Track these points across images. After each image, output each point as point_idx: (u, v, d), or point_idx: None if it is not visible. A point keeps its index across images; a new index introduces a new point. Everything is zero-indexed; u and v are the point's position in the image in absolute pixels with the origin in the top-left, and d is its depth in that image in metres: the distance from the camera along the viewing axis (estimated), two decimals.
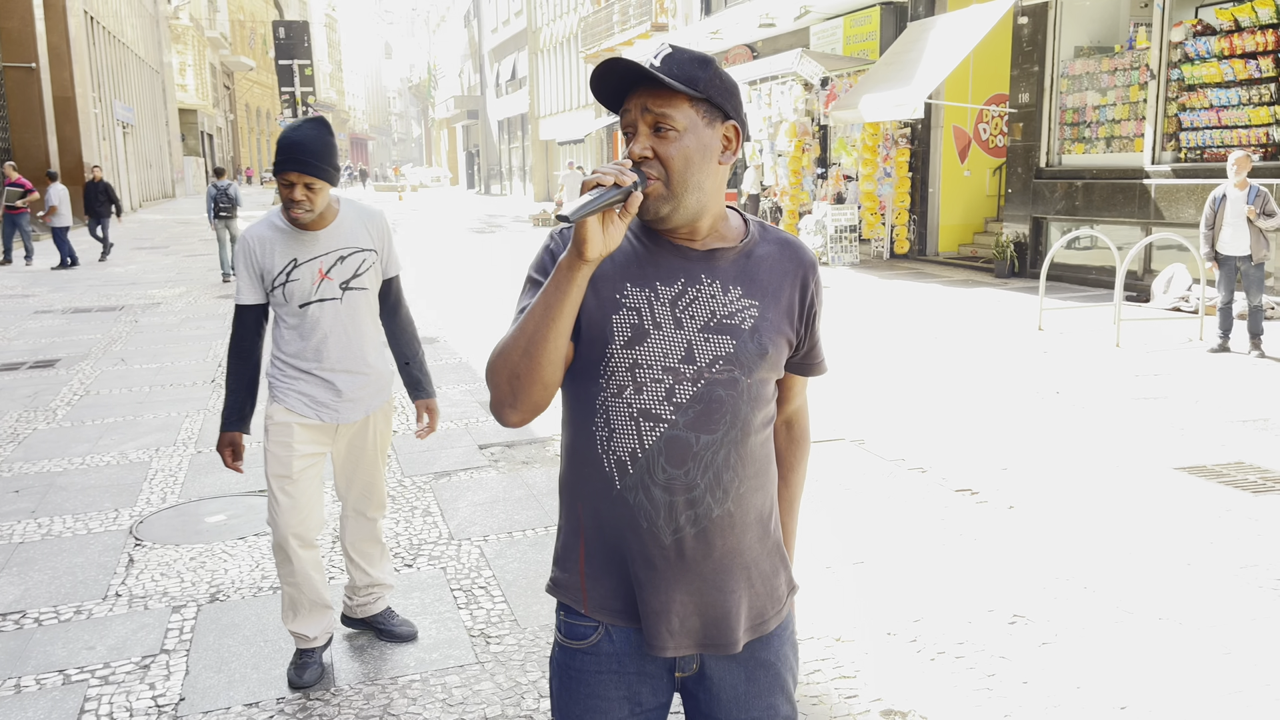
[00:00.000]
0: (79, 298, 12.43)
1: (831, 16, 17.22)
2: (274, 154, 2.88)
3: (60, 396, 7.08)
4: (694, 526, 1.52)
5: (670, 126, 1.46)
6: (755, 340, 1.53)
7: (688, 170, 1.47)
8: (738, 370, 1.52)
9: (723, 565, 1.56)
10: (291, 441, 3.01)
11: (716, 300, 1.53)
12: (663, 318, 1.51)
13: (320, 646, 3.22)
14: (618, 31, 27.25)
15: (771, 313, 1.56)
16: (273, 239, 2.94)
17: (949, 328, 9.40)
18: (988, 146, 15.46)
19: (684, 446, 1.50)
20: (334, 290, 2.97)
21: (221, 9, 53.15)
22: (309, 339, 2.98)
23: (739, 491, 1.55)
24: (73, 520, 4.63)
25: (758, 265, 1.58)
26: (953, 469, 5.15)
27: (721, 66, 1.53)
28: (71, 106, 23.89)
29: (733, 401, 1.52)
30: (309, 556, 3.11)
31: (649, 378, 1.50)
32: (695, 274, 1.54)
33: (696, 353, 1.51)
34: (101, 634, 3.50)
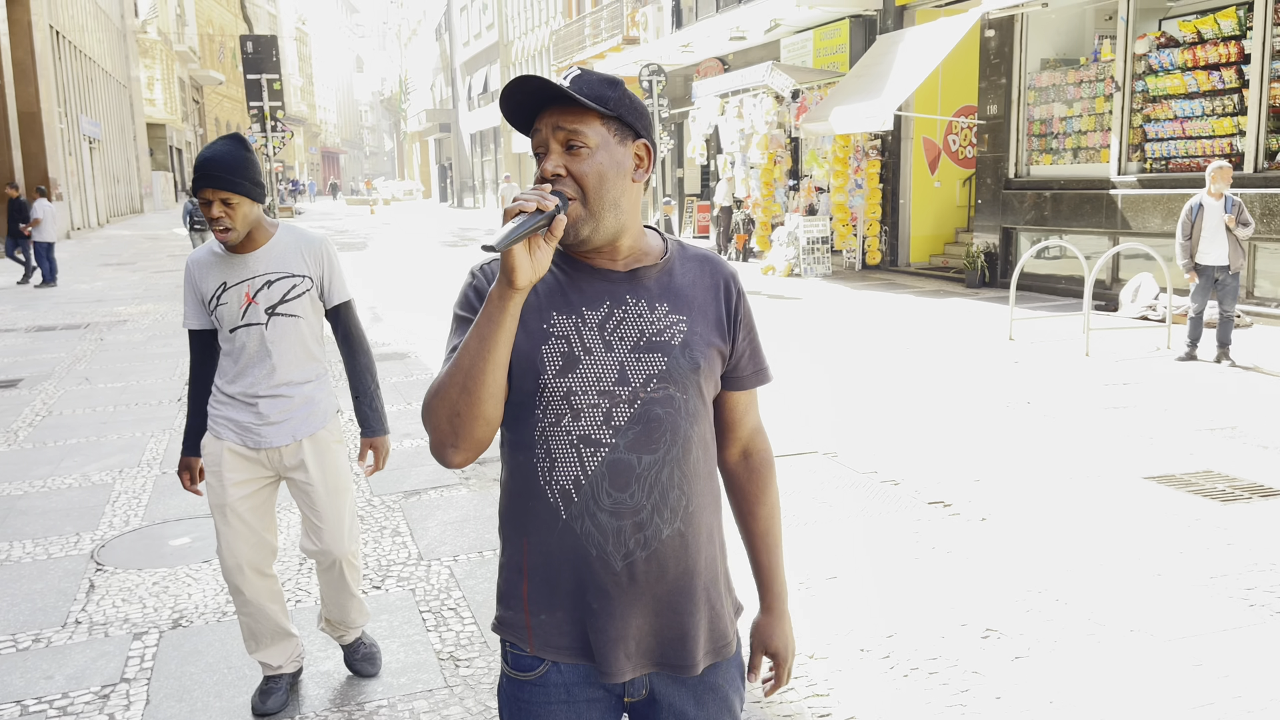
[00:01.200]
0: (43, 316, 12.24)
1: (801, 30, 17.33)
2: None
3: (22, 417, 6.95)
4: (644, 549, 1.51)
5: (583, 144, 1.46)
6: (687, 355, 1.53)
7: (603, 187, 1.47)
8: (673, 387, 1.52)
9: (679, 586, 1.55)
10: (221, 469, 2.94)
11: (644, 319, 1.53)
12: (592, 342, 1.51)
13: (288, 674, 3.15)
14: (589, 45, 27.30)
15: (700, 326, 1.56)
16: (209, 263, 2.91)
17: (921, 338, 9.44)
18: (957, 158, 15.59)
19: (626, 469, 1.50)
20: (259, 315, 2.89)
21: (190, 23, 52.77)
22: (237, 363, 2.92)
23: (688, 510, 1.54)
24: (32, 545, 4.53)
25: (681, 281, 1.58)
26: (926, 481, 5.15)
27: (629, 90, 1.54)
28: (37, 122, 23.61)
29: (671, 419, 1.52)
30: (262, 586, 3.01)
31: (585, 404, 1.50)
32: (620, 295, 1.53)
33: (630, 373, 1.51)
34: (60, 663, 3.41)
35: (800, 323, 10.67)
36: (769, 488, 1.73)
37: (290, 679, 3.17)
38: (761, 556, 1.73)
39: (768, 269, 15.70)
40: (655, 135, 1.60)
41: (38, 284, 15.69)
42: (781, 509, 1.75)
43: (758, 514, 1.72)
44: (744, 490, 1.72)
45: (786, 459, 5.56)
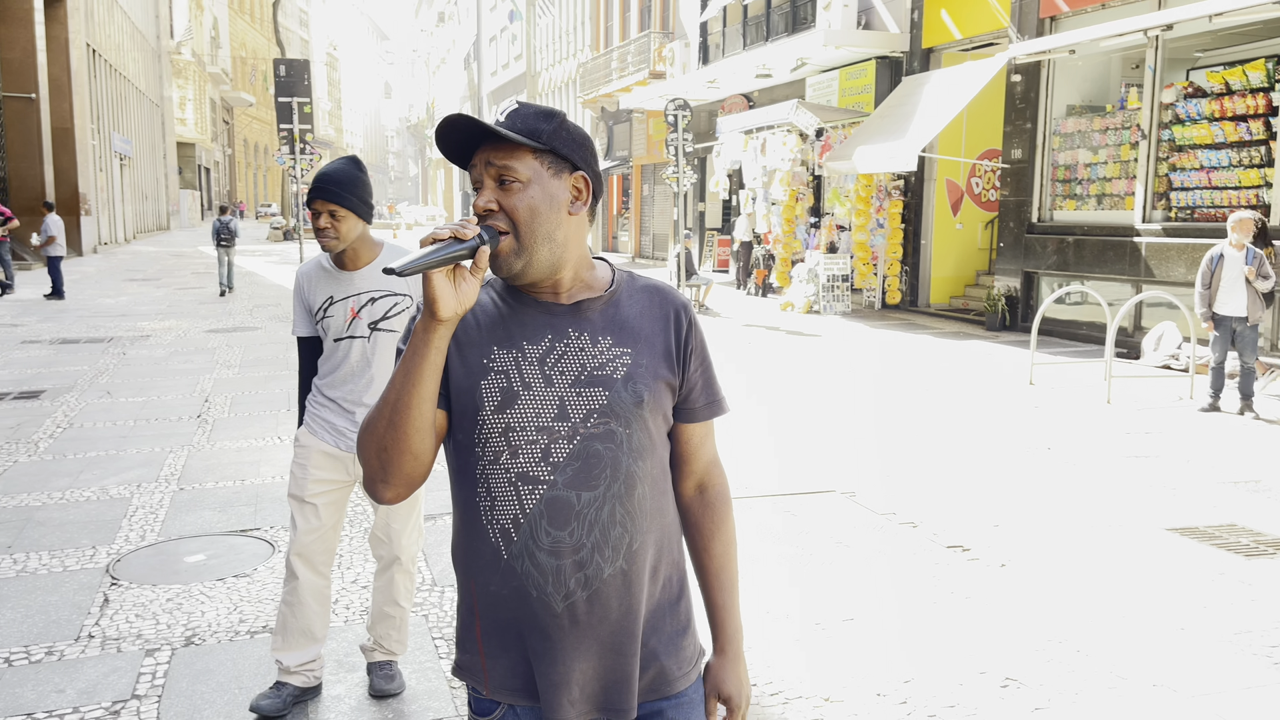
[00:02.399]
0: (67, 328, 12.35)
1: (827, 69, 17.44)
2: None
3: (43, 429, 6.99)
4: (585, 589, 1.47)
5: (514, 179, 1.45)
6: (630, 389, 1.50)
7: (534, 221, 1.45)
8: (615, 422, 1.48)
9: (622, 627, 1.51)
10: (308, 464, 3.13)
11: (586, 352, 1.50)
12: (532, 377, 1.48)
13: (295, 685, 3.18)
14: (616, 78, 27.55)
15: (646, 358, 1.53)
16: (317, 277, 3.12)
17: (940, 380, 9.40)
18: (980, 200, 15.60)
19: (565, 506, 1.46)
20: (363, 329, 3.08)
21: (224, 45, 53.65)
22: (337, 370, 3.11)
23: (631, 548, 1.50)
24: (49, 557, 4.54)
25: (627, 313, 1.55)
26: (944, 524, 5.10)
27: (569, 120, 1.53)
28: (70, 137, 23.96)
29: (611, 455, 1.48)
30: (312, 583, 3.17)
31: (523, 440, 1.47)
32: (562, 328, 1.51)
33: (570, 409, 1.47)
34: (72, 677, 3.41)
35: (818, 360, 10.64)
36: (724, 524, 1.67)
37: (295, 693, 3.18)
38: (715, 595, 1.66)
39: (787, 305, 15.71)
40: (597, 167, 1.56)
41: (46, 294, 15.87)
42: (736, 548, 1.69)
43: (712, 550, 1.66)
44: (699, 526, 1.67)
45: (803, 497, 5.52)
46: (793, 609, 4.00)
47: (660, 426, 1.56)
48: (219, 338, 11.61)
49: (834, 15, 16.02)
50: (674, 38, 24.85)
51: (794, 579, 4.34)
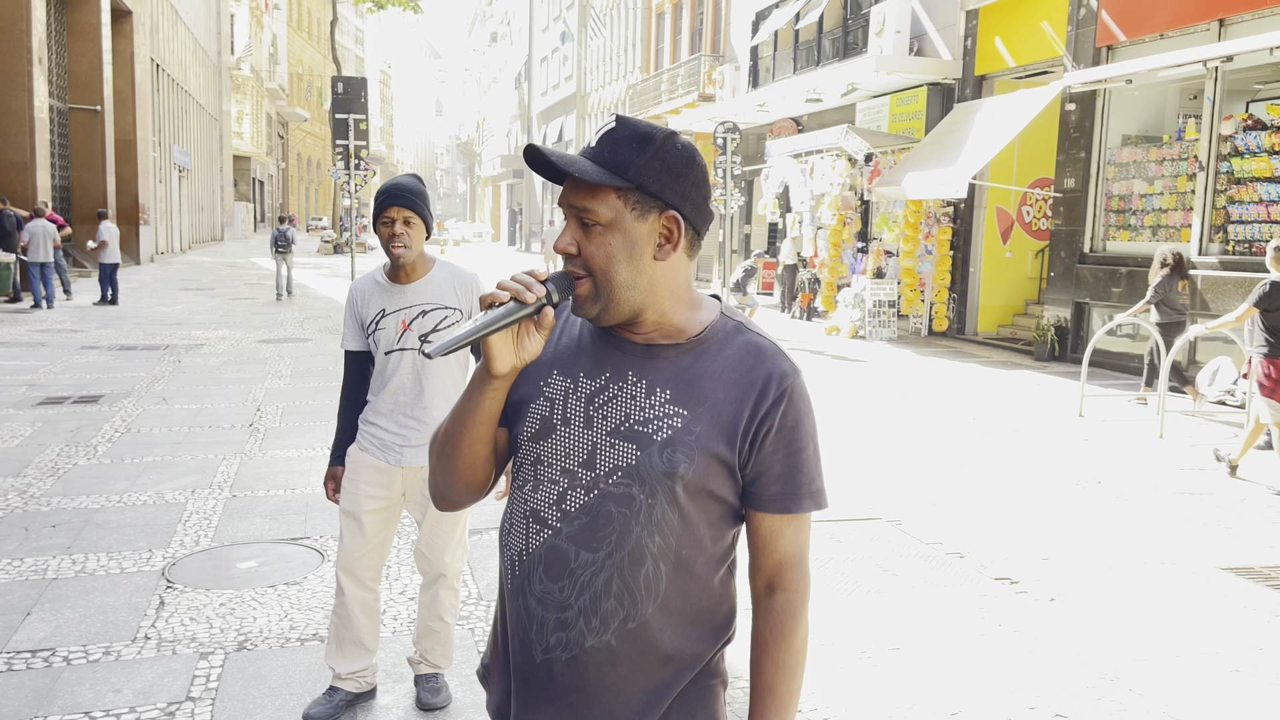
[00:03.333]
0: (125, 335, 12.65)
1: (878, 95, 17.42)
2: (374, 206, 3.09)
3: (102, 433, 7.16)
4: (565, 651, 1.36)
5: (594, 222, 1.33)
6: (664, 455, 1.33)
7: (611, 269, 1.33)
8: (636, 486, 1.34)
9: (599, 703, 1.37)
10: (359, 479, 3.17)
11: (636, 402, 1.36)
12: (573, 414, 1.38)
13: (347, 692, 3.24)
14: (665, 100, 27.73)
15: (702, 426, 1.34)
16: (370, 290, 3.16)
17: (987, 409, 9.30)
18: (1030, 229, 15.45)
19: (562, 560, 1.36)
20: (413, 341, 3.12)
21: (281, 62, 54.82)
22: (387, 383, 3.14)
23: (626, 628, 1.35)
24: (107, 558, 4.65)
25: (703, 369, 1.37)
26: (992, 556, 5.04)
27: (674, 141, 1.36)
28: (132, 149, 24.59)
29: (623, 520, 1.34)
30: (358, 597, 3.22)
31: (546, 477, 1.39)
32: (623, 369, 1.38)
33: (598, 458, 1.36)
34: (129, 677, 3.48)
35: (863, 386, 10.58)
36: (782, 640, 1.41)
37: (347, 698, 3.24)
38: (756, 713, 1.42)
39: (832, 329, 15.64)
40: (699, 196, 1.38)
41: (95, 301, 16.28)
42: (802, 667, 1.43)
43: (762, 666, 1.41)
44: (757, 633, 1.44)
45: (849, 524, 5.49)
46: (838, 636, 3.98)
47: (706, 506, 1.37)
48: (271, 348, 11.82)
49: (886, 41, 16.01)
50: (724, 61, 24.97)
51: (839, 606, 4.32)
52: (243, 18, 45.78)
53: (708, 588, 1.40)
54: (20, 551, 4.68)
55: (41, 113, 17.73)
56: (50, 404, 8.14)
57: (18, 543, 4.80)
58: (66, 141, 21.80)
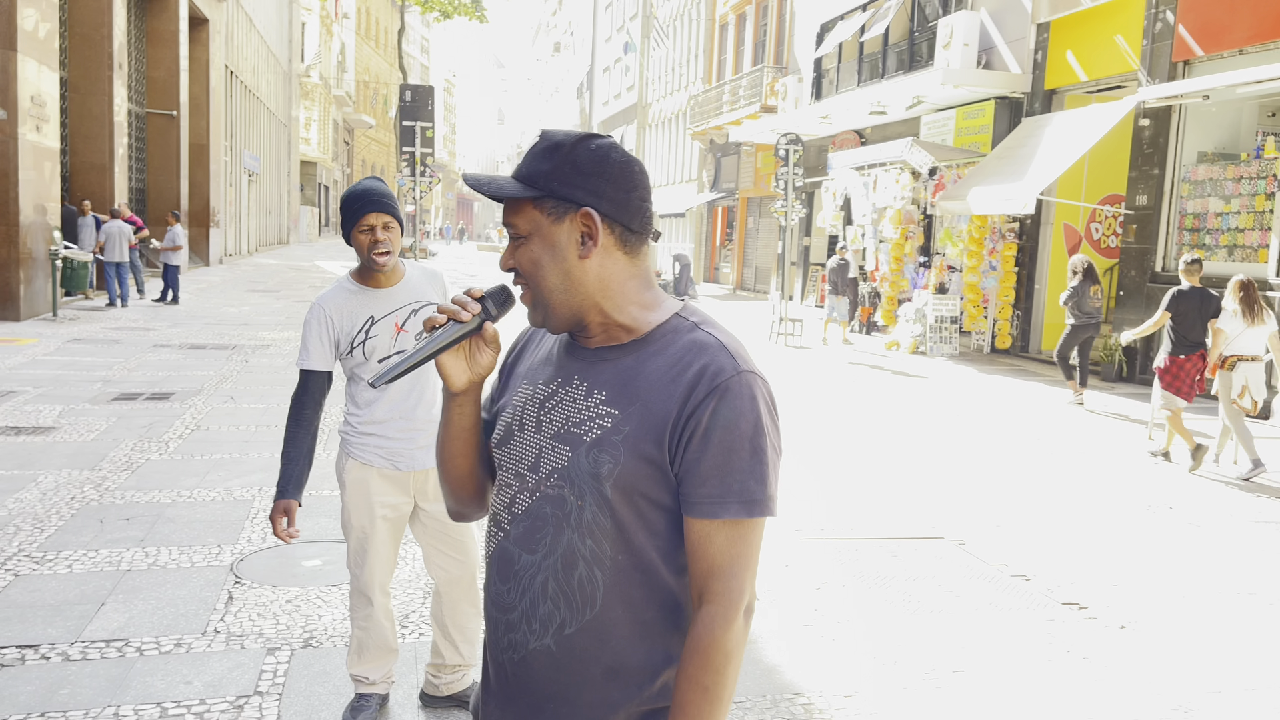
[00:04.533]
0: (195, 335, 12.97)
1: (944, 108, 17.22)
2: (342, 214, 3.00)
3: (173, 429, 7.34)
4: (514, 653, 1.38)
5: (518, 234, 1.38)
6: (590, 456, 1.32)
7: (538, 274, 1.36)
8: (568, 488, 1.34)
9: (547, 709, 1.37)
10: (370, 493, 3.09)
11: (576, 405, 1.37)
12: (529, 419, 1.41)
13: (378, 694, 3.25)
14: (727, 111, 27.72)
15: (632, 425, 1.31)
16: (348, 302, 3.04)
17: (1053, 429, 9.11)
18: (1099, 246, 15.12)
19: (508, 562, 1.39)
20: (409, 342, 3.06)
21: (349, 69, 55.89)
22: (385, 392, 3.05)
23: (564, 632, 1.34)
24: (178, 552, 4.75)
25: (641, 369, 1.35)
26: (1059, 579, 4.93)
27: (587, 143, 1.36)
28: (205, 153, 25.24)
29: (556, 523, 1.34)
30: (383, 603, 3.19)
31: (504, 481, 1.44)
32: (570, 374, 1.40)
33: (542, 462, 1.38)
34: (199, 669, 3.56)
35: (924, 402, 10.43)
36: (701, 655, 1.30)
37: (380, 700, 3.25)
38: None
39: (892, 344, 15.47)
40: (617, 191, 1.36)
41: (155, 299, 16.76)
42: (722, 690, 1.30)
43: (679, 681, 1.32)
44: (684, 647, 1.34)
45: (911, 542, 5.42)
46: (900, 656, 3.92)
47: (643, 510, 1.32)
48: None
49: (953, 54, 15.83)
50: (787, 72, 24.90)
51: (901, 626, 4.26)
52: (313, 26, 46.80)
53: (656, 599, 1.35)
54: (96, 543, 4.81)
55: (120, 117, 18.28)
56: (124, 400, 8.36)
57: (93, 534, 4.94)
58: (143, 145, 22.45)
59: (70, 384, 8.93)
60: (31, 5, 13.44)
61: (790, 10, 25.30)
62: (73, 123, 17.51)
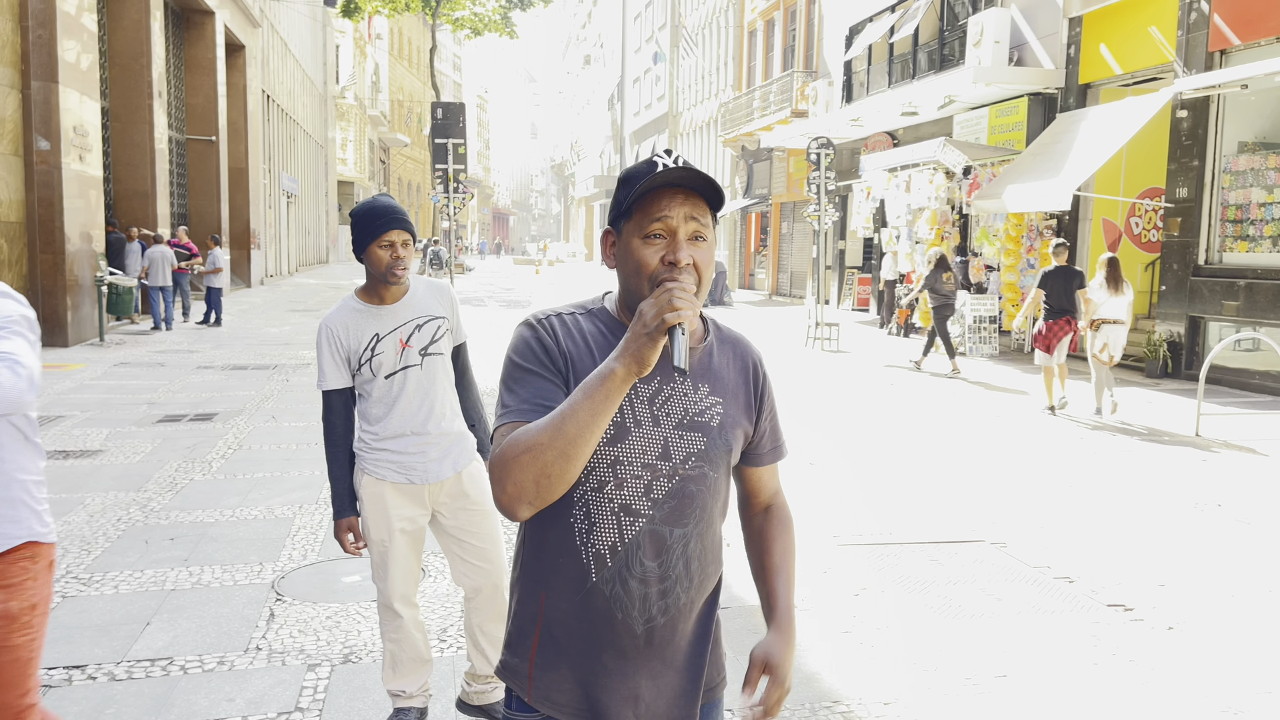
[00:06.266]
0: (237, 355, 13.18)
1: (976, 106, 17.06)
2: (356, 229, 3.03)
3: (216, 449, 7.46)
4: (665, 615, 1.60)
5: (705, 237, 1.56)
6: (722, 437, 1.62)
7: (708, 273, 1.58)
8: (707, 466, 1.61)
9: (687, 646, 1.66)
10: (387, 508, 3.11)
11: (688, 398, 1.61)
12: (642, 415, 1.58)
13: (416, 707, 3.26)
14: (757, 117, 27.68)
15: (732, 409, 1.65)
16: (353, 321, 3.07)
17: (1095, 427, 8.96)
18: (1140, 241, 14.88)
19: (660, 540, 1.58)
20: (415, 357, 3.09)
21: (383, 89, 56.61)
22: (394, 406, 3.08)
23: (701, 578, 1.65)
24: (221, 571, 4.83)
25: (718, 363, 1.67)
26: (1103, 580, 4.85)
27: None
28: (244, 177, 25.68)
29: (701, 496, 1.61)
30: (412, 615, 3.21)
31: (629, 474, 1.57)
32: (669, 372, 1.60)
33: (672, 450, 1.59)
34: (241, 686, 3.61)
35: (963, 404, 10.31)
36: (786, 532, 1.80)
37: (418, 714, 3.26)
38: (775, 585, 1.74)
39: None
40: None
41: (198, 321, 17.08)
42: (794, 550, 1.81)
43: (773, 551, 1.77)
44: (763, 533, 1.80)
45: (951, 546, 5.36)
46: (941, 662, 3.87)
47: (731, 469, 1.70)
48: None
49: (984, 52, 15.68)
50: (817, 76, 24.81)
51: (942, 631, 4.20)
52: (347, 48, 47.48)
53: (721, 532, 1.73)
54: (141, 563, 4.90)
55: (161, 144, 18.66)
56: (169, 421, 8.52)
57: (139, 554, 5.03)
58: (184, 170, 22.89)
59: (117, 407, 9.11)
60: (72, 37, 13.78)
61: (819, 14, 25.23)
62: (115, 151, 17.91)
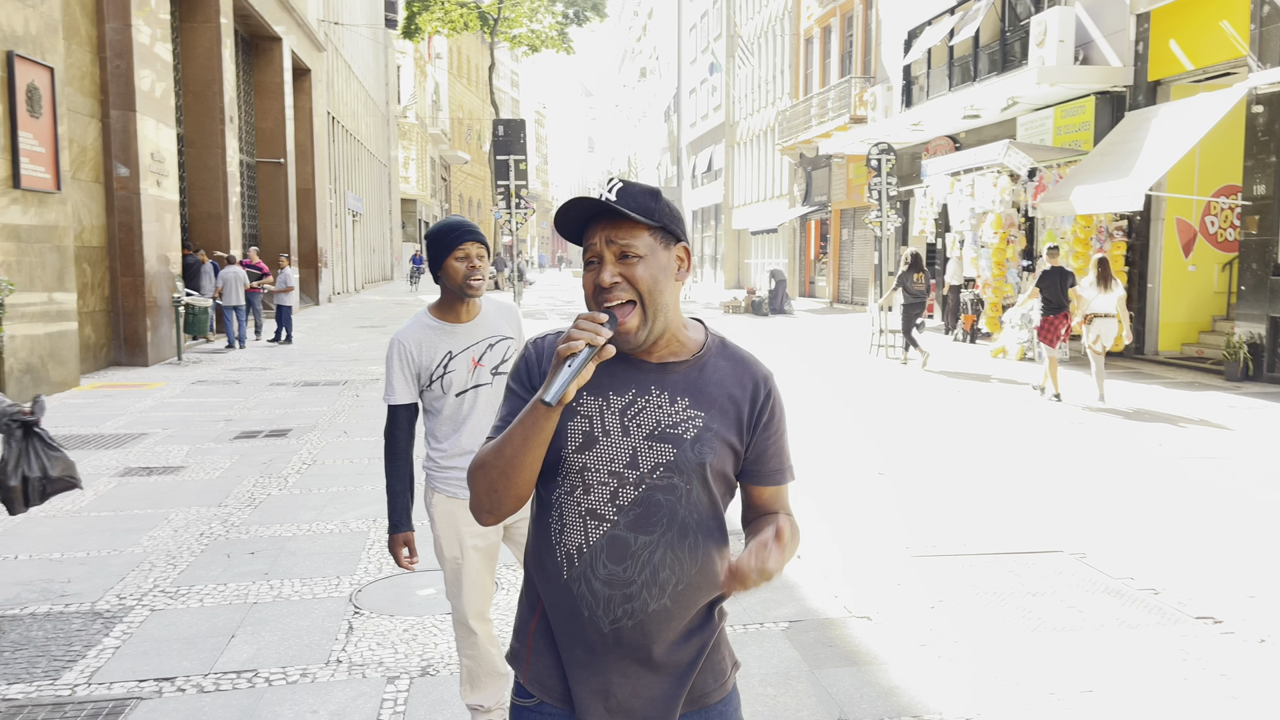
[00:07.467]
0: (308, 372, 13.47)
1: (1041, 107, 16.75)
2: (432, 246, 3.05)
3: (291, 464, 7.63)
4: (631, 619, 1.64)
5: (634, 254, 1.61)
6: (696, 450, 1.64)
7: (655, 290, 1.61)
8: (677, 477, 1.64)
9: (662, 654, 1.67)
10: (458, 525, 3.11)
11: (663, 410, 1.65)
12: (612, 425, 1.65)
13: (496, 718, 3.28)
14: (815, 124, 27.52)
15: (717, 424, 1.66)
16: (426, 337, 3.09)
17: (1174, 433, 8.71)
18: (1215, 240, 14.47)
19: (623, 545, 1.63)
20: (485, 376, 3.11)
21: (443, 108, 57.52)
22: (464, 424, 3.10)
23: (678, 589, 1.66)
24: (300, 584, 4.93)
25: (709, 378, 1.69)
26: (1191, 592, 4.71)
27: (666, 197, 1.66)
28: (311, 197, 26.29)
29: (670, 505, 1.64)
30: (486, 630, 3.22)
31: (596, 480, 1.64)
32: (646, 385, 1.66)
33: (640, 459, 1.64)
34: (324, 698, 3.68)
35: (1035, 411, 10.11)
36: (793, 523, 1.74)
37: None
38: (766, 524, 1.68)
39: (998, 352, 15.04)
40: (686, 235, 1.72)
41: (270, 339, 17.52)
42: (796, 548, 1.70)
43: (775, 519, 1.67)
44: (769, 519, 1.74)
45: (1028, 556, 5.25)
46: (1023, 676, 3.80)
47: (720, 484, 1.70)
48: None
49: (1048, 51, 15.40)
50: (875, 82, 24.60)
51: (1022, 644, 4.12)
52: (408, 68, 48.36)
53: (722, 539, 1.74)
54: (224, 577, 5.03)
55: (233, 167, 19.20)
56: (245, 437, 8.74)
57: (222, 568, 5.16)
58: (254, 192, 23.51)
59: (195, 424, 9.37)
60: (148, 67, 14.26)
61: (876, 19, 25.03)
62: (190, 175, 18.47)
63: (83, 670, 3.90)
